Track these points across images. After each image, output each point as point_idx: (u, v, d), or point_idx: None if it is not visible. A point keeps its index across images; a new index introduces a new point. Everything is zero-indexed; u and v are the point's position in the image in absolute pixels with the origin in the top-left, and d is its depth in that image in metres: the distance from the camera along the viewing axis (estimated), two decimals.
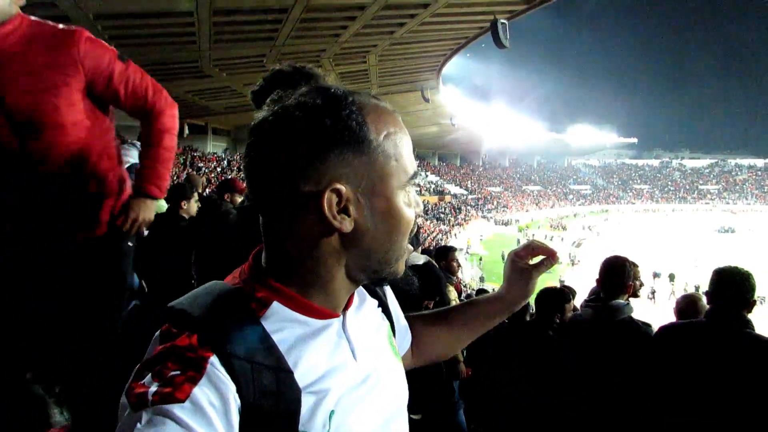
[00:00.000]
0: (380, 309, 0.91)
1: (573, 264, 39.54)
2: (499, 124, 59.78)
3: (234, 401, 0.60)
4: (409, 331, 1.06)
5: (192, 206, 4.25)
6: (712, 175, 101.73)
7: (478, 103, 54.41)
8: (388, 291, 0.99)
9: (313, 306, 0.72)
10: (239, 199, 4.65)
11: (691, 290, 26.00)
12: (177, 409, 0.56)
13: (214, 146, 38.90)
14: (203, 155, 34.80)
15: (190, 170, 27.59)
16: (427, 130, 48.35)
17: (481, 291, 7.45)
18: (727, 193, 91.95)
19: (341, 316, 0.77)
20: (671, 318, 3.52)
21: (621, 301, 2.86)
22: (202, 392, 0.58)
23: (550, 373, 3.12)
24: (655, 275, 33.73)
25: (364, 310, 0.85)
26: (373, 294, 0.91)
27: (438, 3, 15.11)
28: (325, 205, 0.66)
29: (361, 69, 23.45)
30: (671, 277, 34.93)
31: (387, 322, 0.91)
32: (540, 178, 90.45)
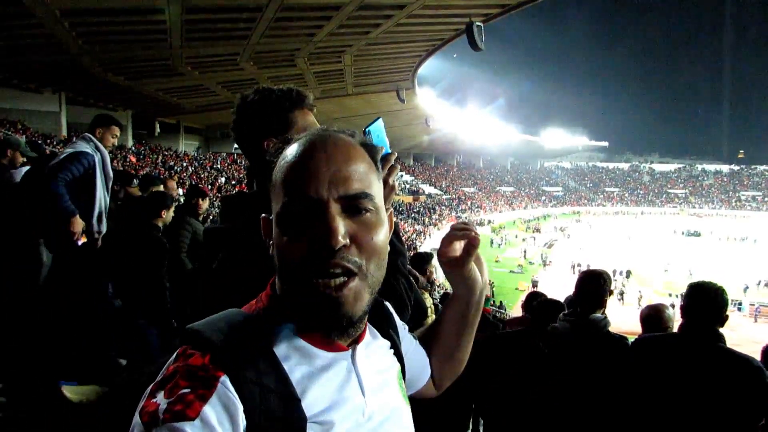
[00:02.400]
0: (392, 351, 0.90)
1: (545, 265, 40.13)
2: (474, 126, 60.28)
3: (241, 421, 0.61)
4: (427, 360, 1.05)
5: (169, 216, 4.24)
6: (679, 180, 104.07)
7: (454, 104, 54.86)
8: (403, 333, 0.98)
9: (320, 336, 0.73)
10: (205, 204, 4.70)
11: (662, 294, 26.72)
12: (188, 427, 0.57)
13: (187, 145, 38.38)
14: (175, 154, 34.27)
15: (162, 172, 27.13)
16: (402, 130, 48.47)
17: (446, 295, 7.46)
18: (693, 197, 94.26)
19: (350, 350, 0.76)
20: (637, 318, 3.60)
21: (599, 315, 2.89)
22: (211, 410, 0.59)
23: (542, 384, 3.12)
24: (615, 272, 34.60)
25: (375, 348, 0.84)
26: (386, 335, 0.90)
27: (414, 4, 15.17)
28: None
29: (337, 69, 23.39)
30: (628, 274, 36.04)
31: (398, 365, 0.89)
32: (513, 180, 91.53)
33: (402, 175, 63.25)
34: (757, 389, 2.17)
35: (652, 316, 3.46)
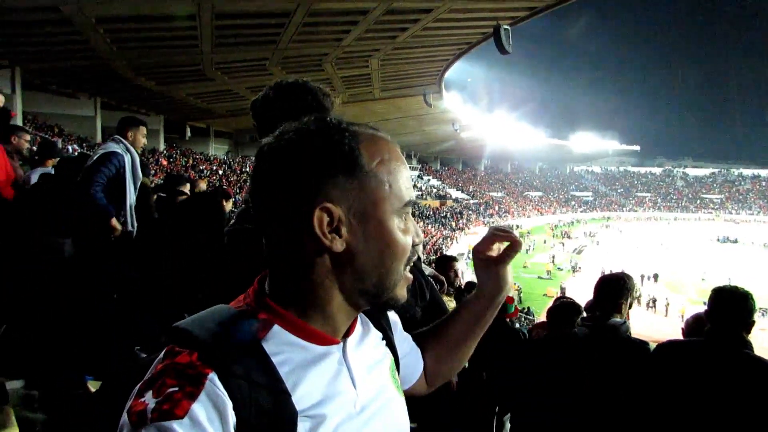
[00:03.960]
0: (384, 342, 0.91)
1: (574, 271, 39.48)
2: (502, 130, 59.82)
3: (231, 417, 0.61)
4: (420, 357, 1.05)
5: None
6: (715, 185, 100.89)
7: (481, 108, 54.53)
8: (395, 325, 0.99)
9: (311, 330, 0.73)
10: (228, 206, 4.73)
11: (697, 303, 25.92)
12: (176, 425, 0.57)
13: (216, 149, 39.01)
14: (205, 158, 34.86)
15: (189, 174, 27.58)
16: (429, 134, 48.42)
17: (470, 285, 7.36)
18: (730, 202, 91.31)
19: (341, 343, 0.77)
20: (669, 323, 3.49)
21: (618, 319, 2.81)
22: (200, 408, 0.59)
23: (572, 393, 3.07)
24: (643, 277, 33.82)
25: (367, 340, 0.85)
26: (378, 326, 0.91)
27: (441, 8, 15.16)
28: (316, 222, 0.67)
29: (364, 73, 23.51)
30: (656, 278, 35.39)
31: (391, 356, 0.91)
32: (542, 184, 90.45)
33: (429, 180, 63.13)
34: None
35: (697, 327, 3.33)
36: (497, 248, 1.00)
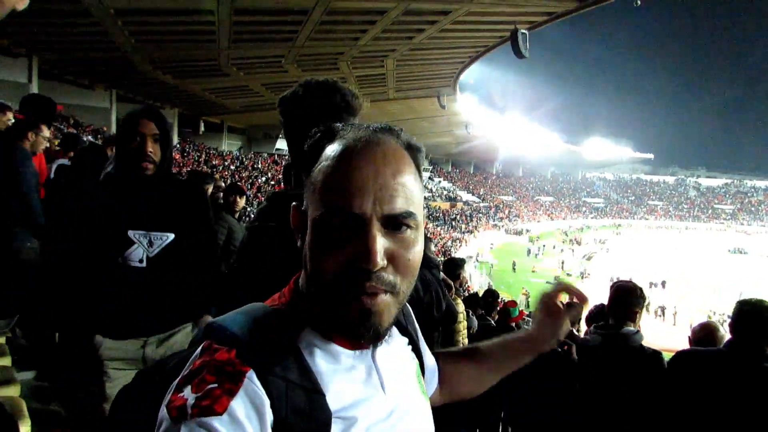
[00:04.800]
0: (410, 347, 0.91)
1: (582, 277, 39.21)
2: (514, 134, 59.59)
3: (269, 415, 0.62)
4: (437, 369, 1.05)
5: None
6: (727, 195, 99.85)
7: (494, 111, 54.32)
8: (418, 332, 0.99)
9: (339, 334, 0.73)
10: (242, 202, 4.80)
11: (707, 312, 25.68)
12: (216, 422, 0.58)
13: (230, 144, 39.17)
14: (219, 153, 35.01)
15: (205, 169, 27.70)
16: (441, 137, 48.32)
17: (489, 292, 7.33)
18: (742, 214, 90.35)
19: (370, 348, 0.76)
20: (677, 332, 3.45)
21: (631, 328, 2.79)
22: (238, 405, 0.60)
23: (566, 393, 3.06)
24: (651, 284, 33.69)
25: (394, 345, 0.85)
26: (404, 332, 0.91)
27: (459, 11, 15.12)
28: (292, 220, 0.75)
29: (379, 73, 23.50)
30: (663, 284, 35.18)
31: (416, 361, 0.91)
32: (553, 189, 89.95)
33: (440, 182, 63.04)
34: None
35: (704, 336, 3.30)
36: (564, 299, 1.03)
